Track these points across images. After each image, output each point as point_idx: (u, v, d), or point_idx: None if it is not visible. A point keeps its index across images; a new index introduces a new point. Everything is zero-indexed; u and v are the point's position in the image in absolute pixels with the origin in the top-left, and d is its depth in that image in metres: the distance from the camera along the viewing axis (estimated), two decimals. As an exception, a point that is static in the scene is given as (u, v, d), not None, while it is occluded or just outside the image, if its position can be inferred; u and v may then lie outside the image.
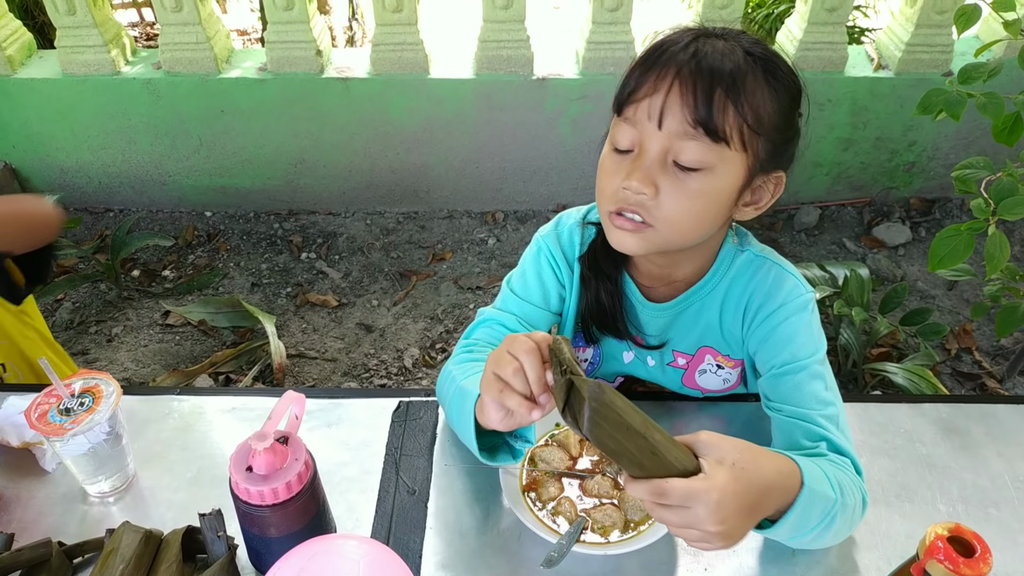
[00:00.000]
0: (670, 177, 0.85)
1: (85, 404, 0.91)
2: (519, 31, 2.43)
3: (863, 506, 0.88)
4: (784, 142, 0.88)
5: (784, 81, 0.86)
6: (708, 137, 0.82)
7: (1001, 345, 2.27)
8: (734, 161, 0.84)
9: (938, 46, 2.40)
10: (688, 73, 0.82)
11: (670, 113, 0.82)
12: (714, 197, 0.86)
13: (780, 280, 0.99)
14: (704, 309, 1.03)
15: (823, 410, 0.91)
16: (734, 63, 0.82)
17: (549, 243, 1.08)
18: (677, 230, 0.88)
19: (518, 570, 0.87)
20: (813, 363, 0.94)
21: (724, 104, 0.82)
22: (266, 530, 0.81)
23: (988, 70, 1.16)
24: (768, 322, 0.98)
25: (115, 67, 2.49)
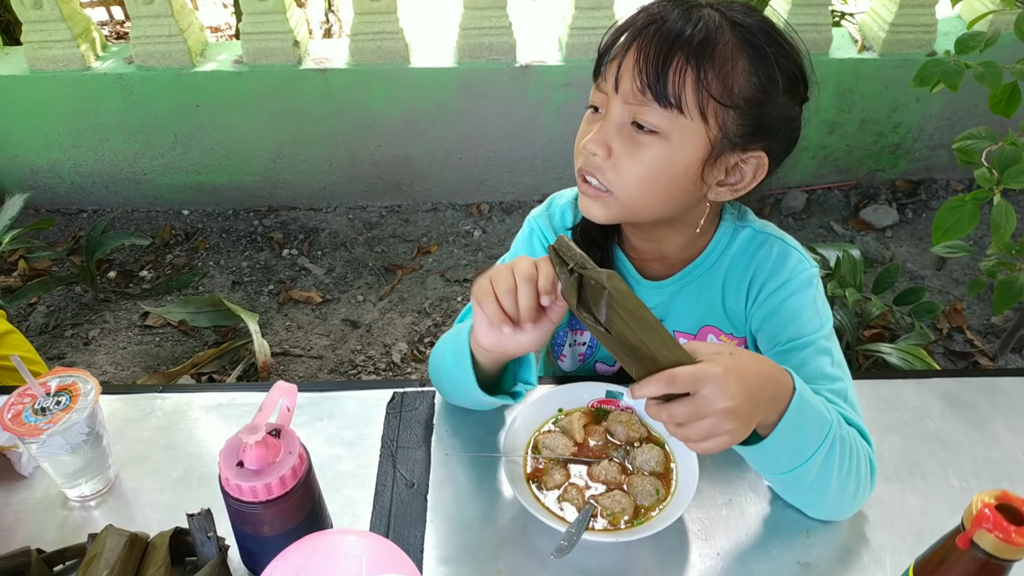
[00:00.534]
0: (625, 140, 0.83)
1: (62, 403, 0.86)
2: (501, 17, 2.39)
3: (871, 473, 0.86)
4: (763, 118, 0.84)
5: (771, 55, 0.82)
6: (658, 103, 0.80)
7: (992, 323, 2.26)
8: (692, 131, 0.82)
9: (921, 26, 2.39)
10: (648, 37, 0.80)
11: (625, 77, 0.82)
12: (669, 165, 0.84)
13: (784, 255, 0.96)
14: (705, 287, 1.00)
15: (831, 385, 0.89)
16: (706, 30, 0.80)
17: (541, 223, 1.06)
18: (633, 198, 0.86)
19: (526, 561, 0.84)
20: (819, 339, 0.92)
21: (683, 70, 0.79)
22: (259, 528, 0.77)
23: (985, 39, 1.14)
24: (773, 298, 0.95)
25: (85, 62, 2.42)
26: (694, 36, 0.79)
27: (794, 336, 0.92)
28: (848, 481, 0.83)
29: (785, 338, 0.93)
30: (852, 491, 0.84)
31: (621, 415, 0.94)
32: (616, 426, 0.93)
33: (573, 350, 1.11)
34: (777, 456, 0.79)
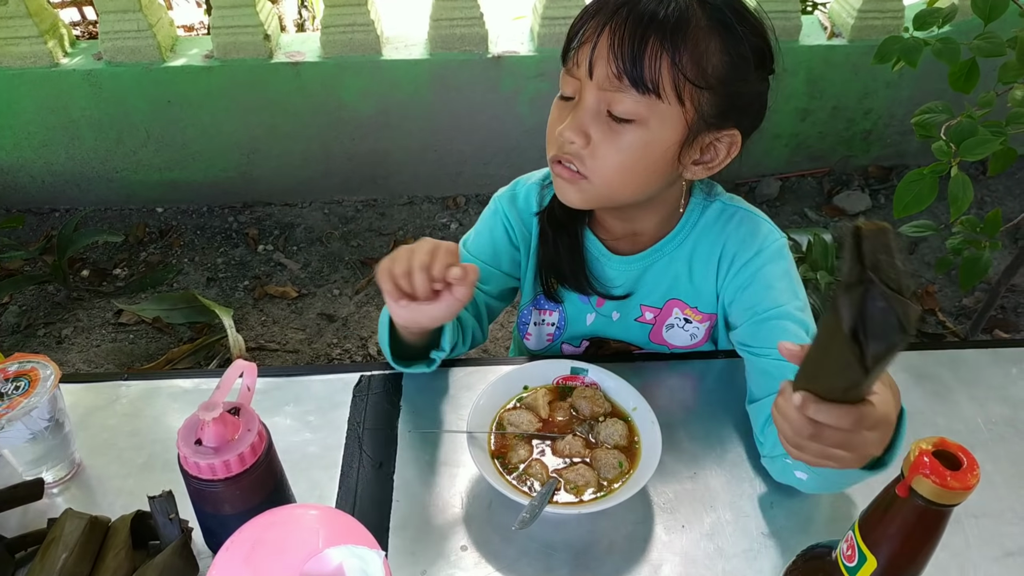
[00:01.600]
0: (603, 128, 0.83)
1: (20, 388, 0.85)
2: (472, 8, 2.39)
3: None
4: (735, 97, 0.85)
5: (741, 33, 0.82)
6: (635, 89, 0.80)
7: (963, 305, 2.29)
8: (669, 115, 0.82)
9: (889, 11, 2.41)
10: (621, 21, 0.79)
11: (599, 63, 0.81)
12: (647, 151, 0.84)
13: (754, 227, 0.98)
14: (673, 262, 1.01)
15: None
16: (679, 11, 0.79)
17: (504, 203, 1.07)
18: (611, 183, 0.87)
19: (491, 537, 0.84)
20: (794, 310, 0.92)
21: (658, 54, 0.79)
22: (220, 507, 0.77)
23: (943, 15, 1.15)
24: (746, 269, 0.96)
25: (53, 59, 2.39)
26: (668, 18, 0.79)
27: (770, 306, 0.93)
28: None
29: (762, 308, 0.93)
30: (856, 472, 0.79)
31: (585, 391, 0.95)
32: (580, 401, 0.93)
33: (540, 329, 1.12)
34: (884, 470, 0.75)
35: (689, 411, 0.98)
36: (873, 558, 0.53)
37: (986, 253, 1.38)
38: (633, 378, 0.96)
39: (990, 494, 0.89)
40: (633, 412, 0.92)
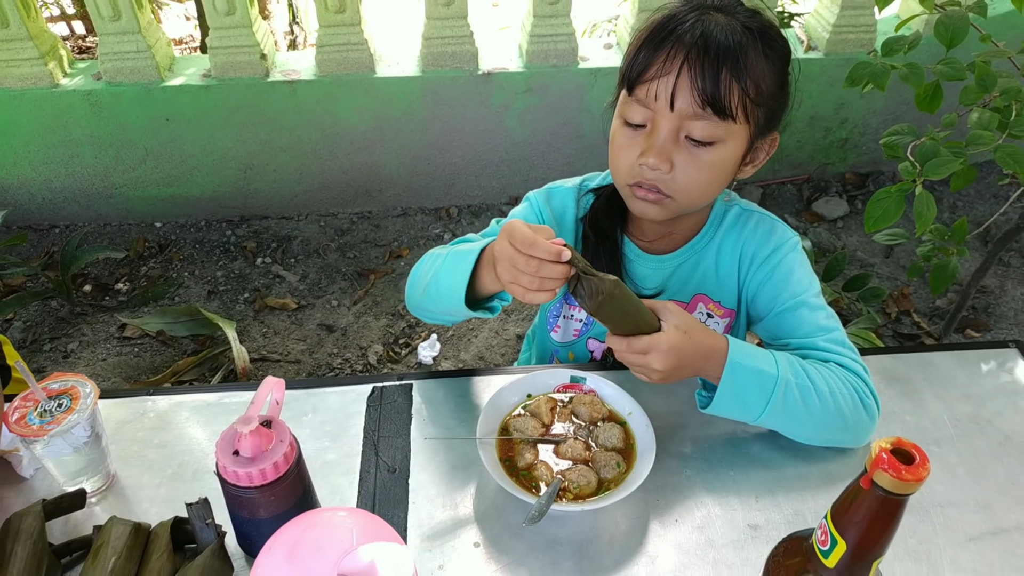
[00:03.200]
0: (683, 152, 0.93)
1: (63, 405, 0.92)
2: (462, 27, 2.46)
3: (862, 405, 0.97)
4: (779, 106, 0.98)
5: (778, 50, 0.94)
6: (716, 116, 0.90)
7: (937, 306, 2.39)
8: (740, 133, 0.93)
9: (862, 26, 2.51)
10: (696, 55, 0.89)
11: (681, 94, 0.90)
12: (723, 166, 0.95)
13: (771, 227, 1.09)
14: (701, 260, 1.12)
15: (828, 335, 1.02)
16: (736, 40, 0.89)
17: (540, 201, 1.15)
18: (692, 198, 0.98)
19: (501, 534, 0.91)
20: (811, 296, 1.04)
21: (730, 82, 0.89)
22: (256, 512, 0.84)
23: (908, 42, 1.24)
24: (766, 265, 1.07)
25: (53, 80, 2.45)
26: (733, 48, 0.89)
27: (789, 297, 1.04)
28: (830, 418, 0.95)
29: (783, 299, 1.05)
30: (841, 425, 0.96)
31: (584, 397, 1.02)
32: (580, 408, 1.01)
33: (568, 323, 1.21)
34: (730, 413, 0.96)
35: (680, 415, 1.06)
36: (843, 541, 0.61)
37: (954, 260, 1.47)
38: (628, 385, 1.04)
39: (954, 485, 0.98)
40: (629, 417, 1.00)
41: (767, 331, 1.09)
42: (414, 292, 1.10)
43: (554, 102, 2.61)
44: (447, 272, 0.99)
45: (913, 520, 0.93)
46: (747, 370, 0.92)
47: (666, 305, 0.91)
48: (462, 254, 0.98)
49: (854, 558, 0.61)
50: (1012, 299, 2.41)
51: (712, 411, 0.96)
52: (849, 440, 1.00)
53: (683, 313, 0.92)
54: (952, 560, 0.89)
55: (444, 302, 1.01)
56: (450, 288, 0.98)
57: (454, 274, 0.97)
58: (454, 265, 0.98)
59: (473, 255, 0.95)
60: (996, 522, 0.93)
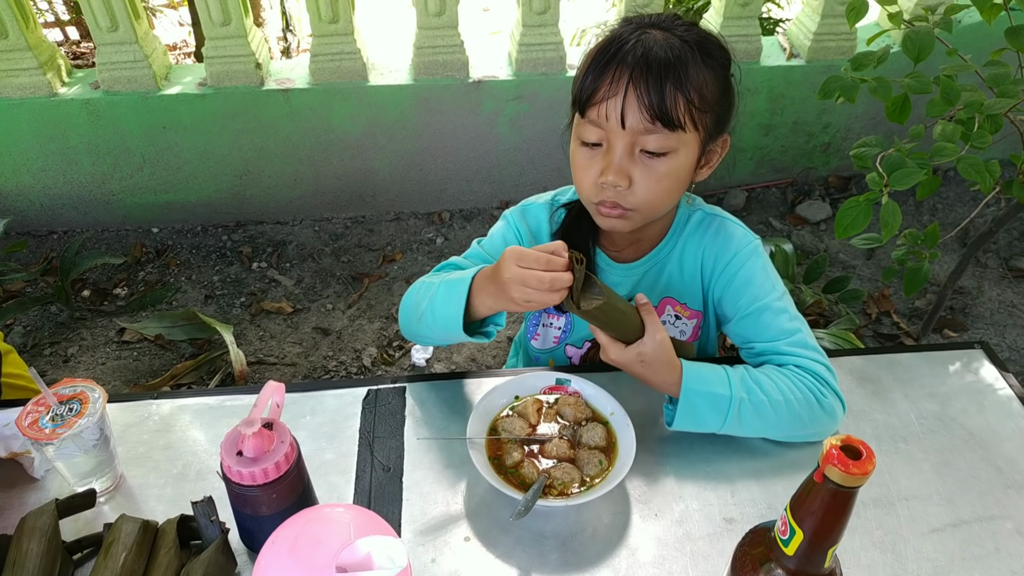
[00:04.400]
0: (640, 166, 0.98)
1: (73, 409, 0.97)
2: (453, 36, 2.52)
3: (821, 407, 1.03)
4: (725, 110, 1.02)
5: (717, 58, 0.99)
6: (666, 128, 0.95)
7: (916, 307, 2.46)
8: (690, 141, 0.98)
9: (843, 34, 2.58)
10: (640, 73, 0.94)
11: (630, 112, 0.95)
12: (679, 174, 1.00)
13: (729, 233, 1.14)
14: (666, 264, 1.17)
15: (789, 339, 1.07)
16: (675, 54, 0.94)
17: (516, 217, 1.22)
18: (654, 208, 1.03)
19: (490, 528, 0.97)
20: (773, 300, 1.09)
21: (674, 95, 0.94)
22: (258, 509, 0.89)
23: (876, 57, 1.30)
24: (727, 271, 1.12)
25: (51, 89, 2.49)
26: (674, 63, 0.94)
27: (751, 301, 1.10)
28: (785, 423, 1.03)
29: (744, 304, 1.10)
30: (798, 425, 1.03)
31: (569, 399, 1.08)
32: (565, 408, 1.07)
33: (547, 331, 1.26)
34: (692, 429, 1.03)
35: (660, 415, 1.11)
36: (800, 531, 0.66)
37: (926, 263, 1.53)
38: (610, 387, 1.09)
39: (919, 479, 1.03)
40: (611, 417, 1.06)
41: (734, 334, 1.15)
42: (409, 321, 1.15)
43: (543, 109, 2.67)
44: (442, 302, 1.05)
45: (880, 512, 0.99)
46: (701, 395, 1.00)
47: (651, 314, 0.99)
48: (454, 284, 1.04)
49: (811, 546, 0.67)
50: (988, 299, 2.48)
51: (676, 428, 1.03)
52: (811, 435, 1.06)
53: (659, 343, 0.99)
54: (916, 550, 0.94)
55: (441, 330, 1.07)
56: (446, 316, 1.04)
57: (448, 304, 1.03)
58: (447, 295, 1.04)
59: (465, 284, 1.01)
60: (958, 514, 0.99)
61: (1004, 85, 1.24)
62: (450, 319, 1.03)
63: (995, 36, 1.66)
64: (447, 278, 1.07)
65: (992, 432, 1.10)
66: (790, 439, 1.06)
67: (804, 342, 1.08)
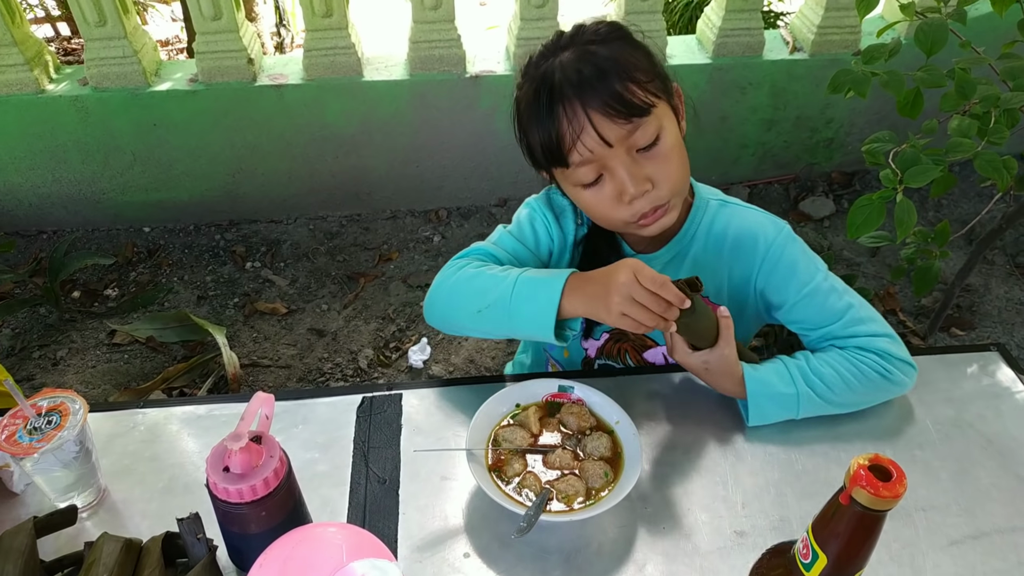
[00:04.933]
0: (646, 162, 0.97)
1: (53, 422, 0.92)
2: (450, 30, 2.47)
3: (888, 381, 1.05)
4: (658, 66, 1.02)
5: (616, 33, 1.00)
6: (644, 117, 0.94)
7: (923, 305, 2.42)
8: (663, 109, 0.98)
9: (847, 27, 2.53)
10: (588, 92, 0.93)
11: (606, 129, 0.93)
12: (676, 143, 1.00)
13: (756, 221, 1.12)
14: (687, 253, 1.14)
15: (842, 319, 1.08)
16: (597, 56, 0.94)
17: (540, 204, 1.19)
18: (681, 185, 1.03)
19: (490, 544, 0.93)
20: (820, 282, 1.08)
21: (626, 87, 0.93)
22: (247, 527, 0.84)
23: (888, 50, 1.26)
24: (767, 261, 1.10)
25: (39, 85, 2.44)
26: (609, 61, 0.94)
27: (799, 287, 1.08)
28: (857, 403, 1.07)
29: (793, 292, 1.09)
30: (871, 401, 1.08)
31: (572, 407, 1.04)
32: (568, 417, 1.02)
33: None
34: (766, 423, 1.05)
35: (667, 422, 1.07)
36: (824, 556, 0.62)
37: (936, 262, 1.49)
38: (615, 393, 1.05)
39: (936, 488, 0.99)
40: (616, 425, 1.01)
41: (788, 321, 1.13)
42: (454, 309, 1.09)
43: (542, 104, 2.61)
44: (524, 299, 1.00)
45: (896, 524, 0.95)
46: (766, 397, 1.03)
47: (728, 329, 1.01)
48: (540, 282, 1.00)
49: (835, 572, 0.63)
50: (996, 297, 2.44)
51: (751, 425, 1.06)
52: (882, 400, 1.09)
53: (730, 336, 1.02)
54: (935, 564, 0.91)
55: (509, 326, 1.03)
56: (531, 314, 0.99)
57: (534, 303, 0.99)
58: (531, 293, 1.00)
59: (558, 284, 0.98)
60: (978, 525, 0.95)
61: (1020, 79, 1.20)
62: (537, 319, 0.99)
63: (1004, 28, 1.62)
64: (528, 276, 1.02)
65: (1011, 438, 1.07)
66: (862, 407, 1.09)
67: (859, 318, 1.08)
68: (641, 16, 2.45)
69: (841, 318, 1.08)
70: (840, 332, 1.08)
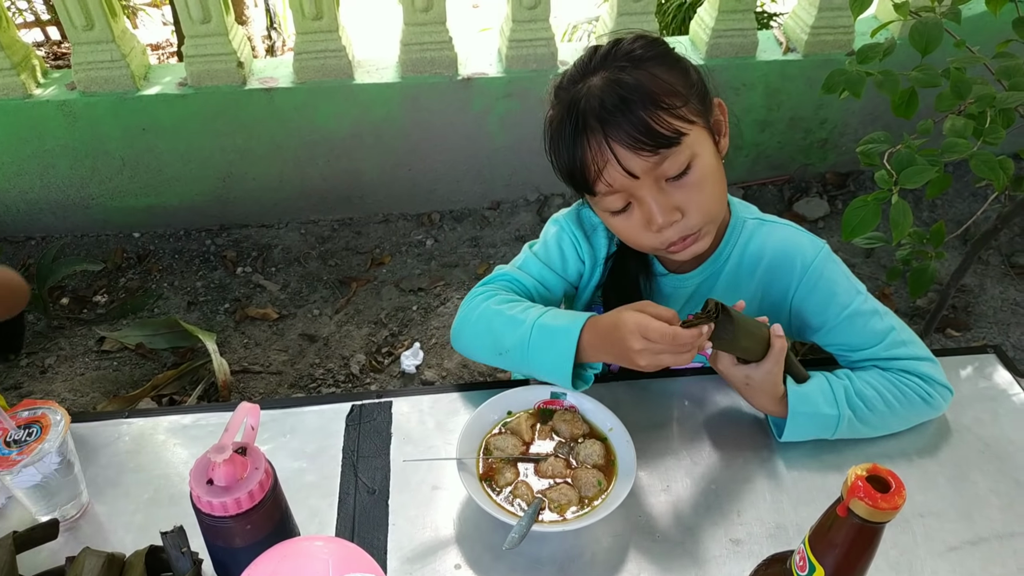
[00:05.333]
0: (677, 191, 0.94)
1: (33, 434, 0.90)
2: (441, 32, 2.45)
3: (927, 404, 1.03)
4: (699, 82, 0.98)
5: (654, 52, 0.95)
6: (672, 148, 0.90)
7: (918, 306, 2.41)
8: (697, 135, 0.93)
9: (840, 27, 2.52)
10: (613, 124, 0.90)
11: (631, 162, 0.90)
12: (710, 170, 0.96)
13: (795, 241, 1.08)
14: (720, 276, 1.11)
15: (883, 342, 1.05)
16: (625, 85, 0.90)
17: (571, 221, 1.15)
18: (714, 214, 0.99)
19: (482, 556, 0.91)
20: (860, 304, 1.05)
21: (655, 116, 0.89)
22: (231, 541, 0.82)
23: (883, 50, 1.24)
24: (805, 281, 1.07)
25: (26, 90, 2.41)
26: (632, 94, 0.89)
27: (840, 310, 1.05)
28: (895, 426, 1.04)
29: (833, 314, 1.05)
30: (904, 423, 1.05)
31: (565, 414, 1.02)
32: (561, 424, 1.01)
33: None
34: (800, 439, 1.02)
35: (661, 429, 1.06)
36: (821, 568, 0.61)
37: (932, 264, 1.48)
38: (608, 400, 1.03)
39: (934, 494, 0.98)
40: (609, 432, 1.00)
41: (827, 344, 1.10)
42: (478, 348, 1.10)
43: (535, 106, 2.59)
44: (541, 351, 1.01)
45: (894, 531, 0.93)
46: (807, 416, 0.99)
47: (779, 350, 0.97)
48: (556, 334, 1.00)
49: (833, 584, 0.61)
50: (991, 298, 2.43)
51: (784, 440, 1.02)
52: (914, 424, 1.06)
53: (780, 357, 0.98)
54: (933, 571, 0.89)
55: (531, 371, 1.05)
56: (549, 365, 1.01)
57: (550, 353, 1.00)
58: (549, 345, 1.00)
59: (572, 339, 0.98)
60: (976, 531, 0.94)
61: (1016, 78, 1.19)
62: (554, 370, 1.01)
63: (997, 27, 1.62)
64: (536, 318, 1.02)
65: (1009, 442, 1.05)
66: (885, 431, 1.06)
67: (901, 340, 1.05)
68: (633, 18, 2.43)
69: (883, 340, 1.05)
70: (882, 354, 1.05)
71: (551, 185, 2.82)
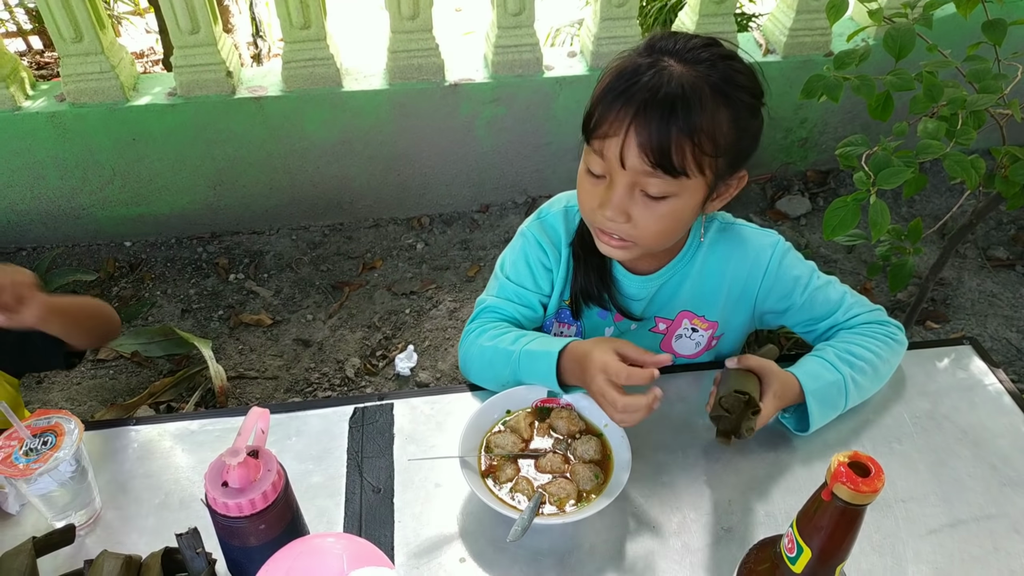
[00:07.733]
0: (639, 205, 0.96)
1: (48, 443, 0.93)
2: (427, 39, 2.48)
3: (897, 343, 1.13)
4: (744, 150, 0.97)
5: (741, 93, 0.92)
6: (668, 175, 0.91)
7: (898, 300, 2.47)
8: (695, 185, 0.94)
9: (818, 29, 2.58)
10: (644, 115, 0.88)
11: (630, 155, 0.91)
12: (681, 215, 0.98)
13: (755, 241, 1.15)
14: (685, 277, 1.15)
15: (841, 307, 1.15)
16: (689, 95, 0.87)
17: (535, 231, 1.19)
18: (656, 242, 1.02)
19: (486, 549, 0.95)
20: (815, 280, 1.15)
21: (680, 141, 0.88)
22: (246, 540, 0.86)
23: (859, 55, 1.30)
24: (768, 276, 1.13)
25: (15, 102, 2.42)
26: (684, 106, 0.87)
27: (802, 291, 1.14)
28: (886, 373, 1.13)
29: (797, 297, 1.14)
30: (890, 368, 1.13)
31: (562, 412, 1.06)
32: (558, 422, 1.05)
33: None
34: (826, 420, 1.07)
35: (655, 424, 1.09)
36: (808, 549, 0.65)
37: (911, 259, 1.53)
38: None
39: (914, 480, 1.03)
40: (605, 428, 1.04)
41: (793, 323, 1.18)
42: (486, 380, 1.16)
43: (521, 111, 2.64)
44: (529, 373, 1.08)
45: (877, 515, 0.98)
46: (821, 391, 1.04)
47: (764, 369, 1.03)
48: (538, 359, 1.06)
49: (819, 564, 0.65)
50: (969, 290, 2.50)
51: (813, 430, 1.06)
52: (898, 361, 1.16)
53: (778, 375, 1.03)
54: (915, 552, 0.94)
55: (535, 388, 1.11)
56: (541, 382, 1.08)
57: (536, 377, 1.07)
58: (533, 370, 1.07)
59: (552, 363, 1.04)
60: (955, 514, 0.99)
61: (985, 80, 1.24)
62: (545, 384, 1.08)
63: (967, 29, 1.67)
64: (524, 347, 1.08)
65: (984, 429, 1.10)
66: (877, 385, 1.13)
67: (853, 302, 1.15)
68: (616, 23, 2.48)
69: (841, 305, 1.14)
70: (842, 318, 1.14)
71: (539, 187, 2.86)
